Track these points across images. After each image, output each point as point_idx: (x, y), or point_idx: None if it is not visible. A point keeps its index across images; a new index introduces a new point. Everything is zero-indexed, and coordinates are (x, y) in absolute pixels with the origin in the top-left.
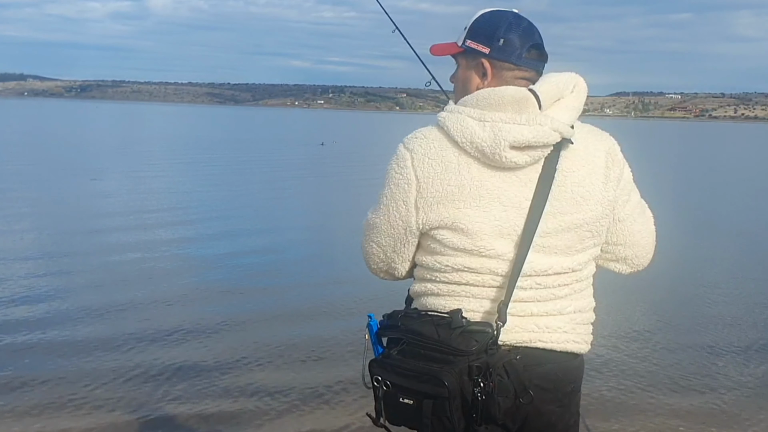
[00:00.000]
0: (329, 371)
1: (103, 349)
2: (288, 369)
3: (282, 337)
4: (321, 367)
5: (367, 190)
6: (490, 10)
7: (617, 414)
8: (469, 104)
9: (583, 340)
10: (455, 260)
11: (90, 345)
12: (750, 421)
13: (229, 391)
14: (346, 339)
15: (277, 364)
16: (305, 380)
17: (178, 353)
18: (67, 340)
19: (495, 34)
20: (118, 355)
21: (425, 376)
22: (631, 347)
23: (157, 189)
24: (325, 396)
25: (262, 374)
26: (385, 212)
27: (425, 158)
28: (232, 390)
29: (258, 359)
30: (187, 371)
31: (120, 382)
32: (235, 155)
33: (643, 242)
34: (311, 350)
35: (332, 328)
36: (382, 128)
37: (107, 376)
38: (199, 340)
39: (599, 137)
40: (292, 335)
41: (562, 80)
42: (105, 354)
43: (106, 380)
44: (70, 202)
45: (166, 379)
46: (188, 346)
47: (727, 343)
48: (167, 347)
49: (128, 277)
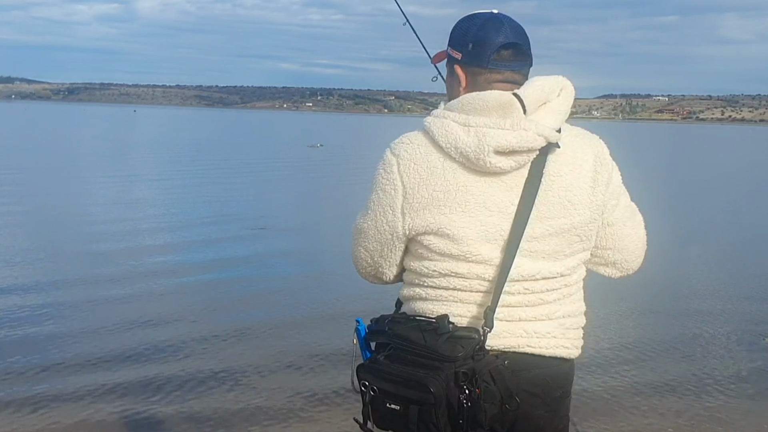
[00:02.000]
0: (321, 376)
1: (95, 358)
2: (281, 374)
3: (275, 343)
4: (313, 372)
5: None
6: (468, 14)
7: (605, 415)
8: (454, 109)
9: (573, 345)
10: (442, 265)
11: (82, 356)
12: (738, 423)
13: (225, 398)
14: (338, 343)
15: (271, 369)
16: (297, 386)
17: (174, 363)
18: (58, 344)
19: (465, 38)
20: (112, 365)
21: (411, 382)
22: (618, 348)
23: (151, 193)
24: (317, 400)
25: (257, 380)
26: (372, 217)
27: (411, 163)
28: (228, 397)
29: (253, 366)
30: (183, 379)
31: (114, 391)
32: (226, 158)
33: (633, 246)
34: (304, 355)
35: (324, 333)
36: (372, 130)
37: (101, 385)
38: (192, 348)
39: (588, 141)
40: (285, 342)
41: (548, 84)
42: (97, 364)
43: (101, 390)
44: (62, 206)
45: (160, 388)
46: (182, 355)
47: (715, 345)
48: (163, 357)
49: (117, 282)
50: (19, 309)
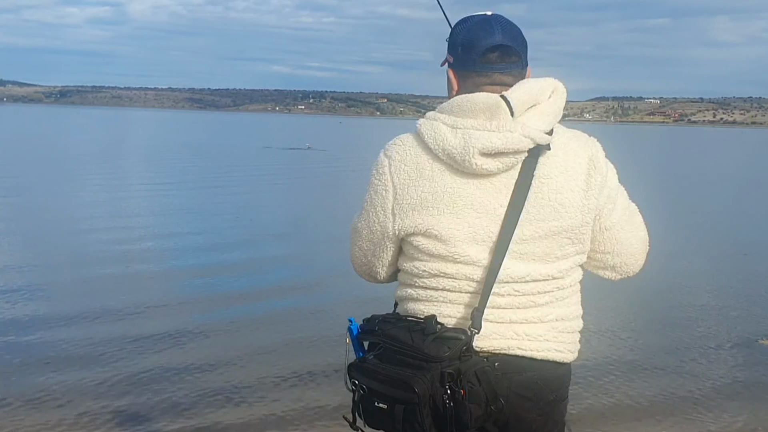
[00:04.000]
0: (314, 379)
1: (85, 355)
2: (275, 377)
3: (265, 343)
4: (307, 372)
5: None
6: (464, 17)
7: (599, 421)
8: (445, 111)
9: (567, 349)
10: (431, 266)
11: (70, 351)
12: (735, 425)
13: (213, 397)
14: (330, 343)
15: (264, 370)
16: (290, 389)
17: (160, 359)
18: (45, 345)
19: (456, 42)
20: (99, 362)
21: (398, 382)
22: (614, 351)
23: (147, 197)
24: (308, 399)
25: (246, 379)
26: (365, 217)
27: (402, 165)
28: (216, 396)
29: (242, 364)
30: (169, 377)
31: (99, 388)
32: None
33: (632, 249)
34: (297, 356)
35: (317, 334)
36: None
37: (89, 382)
38: (181, 346)
39: (582, 143)
40: (274, 340)
41: (537, 86)
42: (87, 361)
43: (88, 386)
44: (53, 209)
45: (146, 385)
46: (171, 353)
47: (710, 346)
48: (149, 353)
49: (108, 286)
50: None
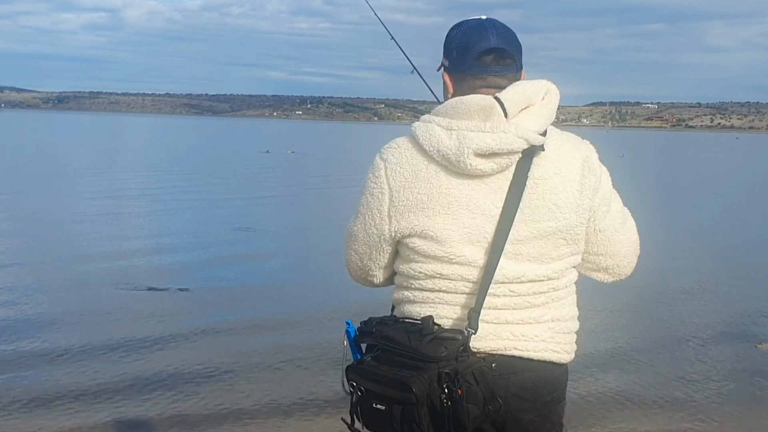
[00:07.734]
0: (311, 378)
1: (80, 357)
2: (271, 376)
3: (262, 345)
4: (303, 373)
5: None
6: (458, 21)
7: (599, 421)
8: (440, 113)
9: (564, 350)
10: (428, 267)
11: (64, 353)
12: (733, 430)
13: (209, 399)
14: (328, 346)
15: (259, 371)
16: (287, 387)
17: (158, 361)
18: (40, 349)
19: (451, 45)
20: (96, 364)
21: (395, 382)
22: (610, 354)
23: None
24: (305, 402)
25: (243, 382)
26: (361, 221)
27: (397, 167)
28: (212, 398)
29: (239, 367)
30: (167, 379)
31: (96, 390)
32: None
33: (625, 252)
34: (293, 357)
35: (314, 335)
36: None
37: (85, 384)
38: (178, 350)
39: (576, 145)
40: (273, 343)
41: (530, 88)
42: (81, 363)
43: (85, 389)
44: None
45: (144, 387)
46: (168, 354)
47: (708, 351)
48: (147, 356)
49: (103, 287)
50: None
